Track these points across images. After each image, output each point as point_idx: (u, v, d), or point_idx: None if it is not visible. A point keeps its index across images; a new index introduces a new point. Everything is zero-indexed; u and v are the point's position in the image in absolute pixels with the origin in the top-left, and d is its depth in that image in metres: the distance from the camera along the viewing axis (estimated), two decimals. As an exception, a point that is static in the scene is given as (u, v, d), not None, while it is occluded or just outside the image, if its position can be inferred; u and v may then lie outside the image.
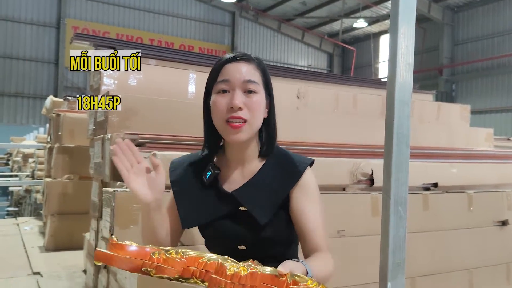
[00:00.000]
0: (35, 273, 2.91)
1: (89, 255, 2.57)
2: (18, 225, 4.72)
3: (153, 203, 1.07)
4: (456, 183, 2.52)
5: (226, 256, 0.88)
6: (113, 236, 0.92)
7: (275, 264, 1.12)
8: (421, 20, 14.95)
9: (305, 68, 18.02)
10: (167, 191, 1.20)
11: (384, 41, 17.66)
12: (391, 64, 0.98)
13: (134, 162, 1.06)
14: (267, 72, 1.18)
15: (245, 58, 1.14)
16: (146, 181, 1.06)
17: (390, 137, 0.95)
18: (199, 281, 0.86)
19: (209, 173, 1.15)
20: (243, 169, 1.17)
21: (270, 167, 1.16)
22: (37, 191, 6.29)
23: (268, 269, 0.84)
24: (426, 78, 15.19)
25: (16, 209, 9.06)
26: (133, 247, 0.90)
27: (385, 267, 0.93)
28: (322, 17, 17.40)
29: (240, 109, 1.08)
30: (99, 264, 0.90)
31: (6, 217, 9.11)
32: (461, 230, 2.41)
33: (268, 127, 1.18)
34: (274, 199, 1.13)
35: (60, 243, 3.55)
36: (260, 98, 1.12)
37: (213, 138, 1.18)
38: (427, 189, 2.44)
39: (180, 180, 1.19)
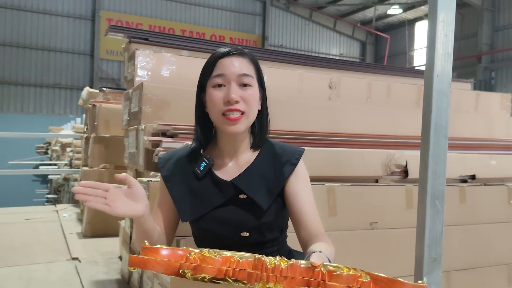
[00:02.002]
0: (73, 259, 3.02)
1: (125, 242, 2.65)
2: (57, 212, 4.91)
3: (146, 211, 1.07)
4: (495, 175, 2.44)
5: (255, 254, 0.89)
6: (145, 241, 0.93)
7: (274, 248, 1.19)
8: (459, 5, 14.33)
9: (337, 57, 17.73)
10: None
11: (420, 28, 17.11)
12: (429, 53, 0.95)
13: (103, 193, 1.02)
14: (259, 65, 1.22)
15: (239, 52, 1.18)
16: (127, 198, 1.03)
17: (427, 128, 0.92)
18: (231, 280, 0.87)
19: (203, 164, 1.17)
20: (237, 160, 1.21)
21: (265, 157, 1.21)
22: (75, 179, 6.50)
23: (303, 262, 0.85)
24: (463, 66, 14.65)
25: (55, 196, 9.42)
26: (165, 250, 0.91)
27: (420, 261, 0.91)
28: (355, 4, 17.02)
29: (236, 102, 1.12)
30: (134, 270, 0.91)
31: (46, 204, 9.49)
32: (500, 224, 2.33)
33: (261, 119, 1.22)
34: (273, 186, 1.17)
35: (97, 230, 3.66)
36: (254, 91, 1.17)
37: (205, 131, 1.22)
38: (464, 181, 2.37)
39: (172, 174, 1.21)
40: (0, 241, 3.48)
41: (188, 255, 0.89)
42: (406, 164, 2.18)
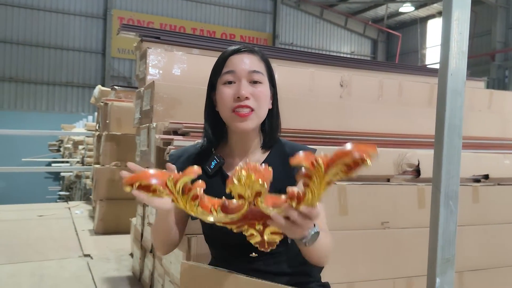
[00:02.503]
0: (85, 255, 3.05)
1: (136, 239, 2.67)
2: (69, 208, 4.97)
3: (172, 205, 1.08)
4: (509, 175, 2.40)
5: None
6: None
7: (283, 248, 1.16)
8: (473, 2, 13.80)
9: (348, 55, 17.62)
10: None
11: (432, 26, 16.93)
12: (443, 52, 0.94)
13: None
14: (270, 63, 1.21)
15: (249, 49, 1.17)
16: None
17: (441, 128, 0.91)
18: (215, 211, 0.92)
19: (214, 162, 1.17)
20: (248, 159, 1.20)
21: (276, 157, 1.20)
22: (87, 177, 6.57)
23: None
24: (476, 64, 14.46)
25: (67, 193, 9.53)
26: (152, 170, 0.91)
27: (433, 262, 0.90)
28: (366, 2, 16.90)
29: (247, 98, 1.11)
30: (130, 191, 0.89)
31: (58, 200, 9.61)
32: (514, 225, 2.30)
33: (271, 118, 1.20)
34: (283, 186, 1.14)
35: (108, 227, 3.70)
36: (265, 88, 1.16)
37: (216, 130, 1.21)
38: (477, 181, 2.34)
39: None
40: (14, 237, 3.53)
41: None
42: (419, 163, 2.16)
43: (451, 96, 0.91)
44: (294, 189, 0.87)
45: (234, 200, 0.91)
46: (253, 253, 1.17)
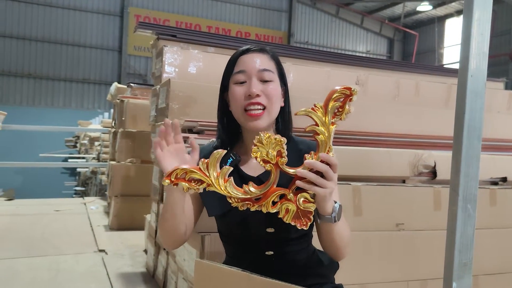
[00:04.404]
0: (100, 251, 3.09)
1: (150, 236, 2.69)
2: (85, 204, 5.04)
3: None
4: (528, 178, 2.36)
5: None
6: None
7: (299, 246, 1.19)
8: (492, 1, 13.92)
9: (364, 54, 17.48)
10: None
11: (450, 25, 16.69)
12: (463, 52, 0.92)
13: (171, 142, 1.08)
14: (280, 62, 1.22)
15: (259, 49, 1.19)
16: (178, 162, 1.06)
17: (460, 130, 0.90)
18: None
19: (230, 160, 1.17)
20: None
21: (290, 153, 1.16)
22: (102, 173, 6.65)
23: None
24: (495, 64, 14.20)
25: (83, 189, 9.66)
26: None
27: (450, 266, 0.89)
28: (383, 0, 16.73)
29: (257, 96, 1.12)
30: (167, 183, 1.01)
31: (74, 196, 9.75)
32: (532, 229, 2.26)
33: (284, 116, 1.22)
34: None
35: (123, 223, 3.74)
36: (276, 86, 1.17)
37: (230, 129, 1.22)
38: (495, 183, 2.30)
39: None
40: (31, 231, 3.60)
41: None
42: (435, 165, 2.13)
43: (471, 98, 0.89)
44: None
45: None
46: (269, 251, 1.17)
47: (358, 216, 1.94)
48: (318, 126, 0.98)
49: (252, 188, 1.01)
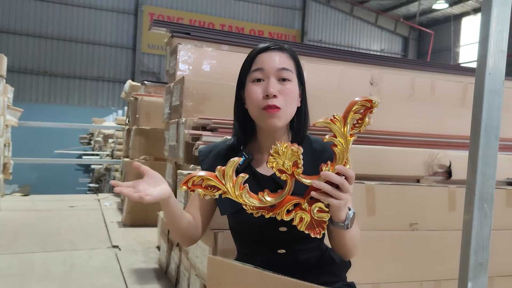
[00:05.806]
0: (114, 246, 3.13)
1: (163, 233, 2.71)
2: (99, 200, 5.09)
3: (171, 192, 1.11)
4: (545, 178, 2.31)
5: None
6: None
7: (311, 245, 1.19)
8: None
9: (378, 53, 17.33)
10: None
11: (466, 24, 16.45)
12: (481, 50, 0.91)
13: (129, 183, 1.09)
14: (299, 61, 1.21)
15: (278, 47, 1.17)
16: (149, 183, 1.08)
17: (477, 128, 0.88)
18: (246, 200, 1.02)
19: (243, 158, 1.16)
20: None
21: (304, 153, 1.15)
22: (116, 170, 6.72)
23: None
24: (512, 63, 13.99)
25: (97, 185, 9.76)
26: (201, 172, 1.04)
27: (466, 267, 0.88)
28: (398, -2, 16.59)
29: (275, 96, 1.11)
30: (185, 189, 1.02)
31: (87, 192, 9.87)
32: (550, 230, 2.21)
33: (300, 115, 1.20)
34: None
35: (136, 219, 3.77)
36: (294, 86, 1.15)
37: (245, 127, 1.21)
38: (511, 184, 2.27)
39: (212, 168, 1.21)
40: (47, 227, 3.65)
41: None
42: (450, 165, 2.11)
43: (489, 96, 0.88)
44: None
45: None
46: (281, 249, 1.17)
47: (372, 215, 1.92)
48: (336, 138, 0.97)
49: (267, 197, 1.01)
